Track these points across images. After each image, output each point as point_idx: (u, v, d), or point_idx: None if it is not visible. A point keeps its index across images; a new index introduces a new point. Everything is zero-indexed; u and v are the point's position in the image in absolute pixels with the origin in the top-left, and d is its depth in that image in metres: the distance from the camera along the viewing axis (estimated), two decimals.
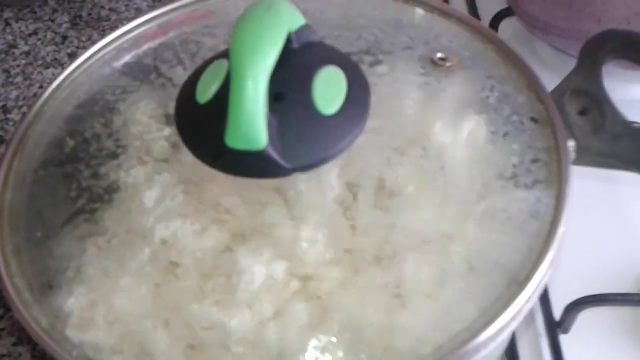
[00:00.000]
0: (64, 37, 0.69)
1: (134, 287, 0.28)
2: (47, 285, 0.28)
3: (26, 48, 0.68)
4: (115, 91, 0.34)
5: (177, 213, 0.29)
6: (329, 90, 0.29)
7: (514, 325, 0.26)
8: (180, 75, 0.33)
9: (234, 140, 0.26)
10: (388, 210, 0.29)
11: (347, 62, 0.31)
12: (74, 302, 0.28)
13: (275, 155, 0.27)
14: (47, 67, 0.66)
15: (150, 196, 0.29)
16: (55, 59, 0.67)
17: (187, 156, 0.29)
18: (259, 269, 0.27)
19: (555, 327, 0.42)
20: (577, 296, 0.42)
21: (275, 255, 0.28)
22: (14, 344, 0.47)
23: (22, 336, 0.47)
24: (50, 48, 0.68)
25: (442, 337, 0.26)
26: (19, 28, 0.70)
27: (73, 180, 0.31)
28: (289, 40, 0.29)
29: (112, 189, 0.30)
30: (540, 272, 0.27)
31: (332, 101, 0.28)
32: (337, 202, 0.29)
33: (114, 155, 0.31)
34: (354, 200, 0.29)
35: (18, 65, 0.66)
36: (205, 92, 0.29)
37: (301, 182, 0.29)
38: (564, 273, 0.44)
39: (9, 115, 0.62)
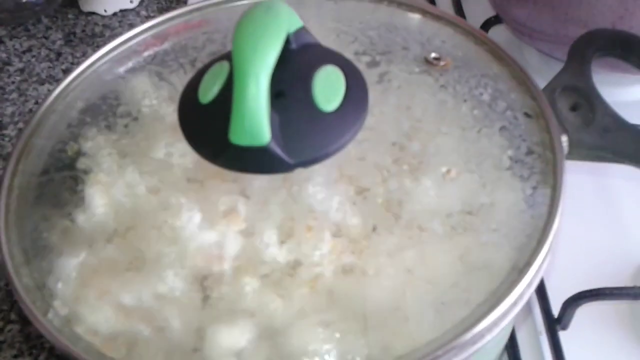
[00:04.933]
0: (59, 54, 0.70)
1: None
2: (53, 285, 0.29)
3: (21, 65, 0.69)
4: (116, 96, 0.35)
5: (181, 203, 0.29)
6: (328, 88, 0.29)
7: (516, 310, 0.27)
8: (181, 79, 0.34)
9: (238, 136, 0.27)
10: (388, 203, 0.29)
11: (345, 62, 0.31)
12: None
13: (278, 150, 0.27)
14: (42, 83, 0.67)
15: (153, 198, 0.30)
16: (51, 75, 0.68)
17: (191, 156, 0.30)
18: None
19: (554, 324, 0.43)
20: (575, 292, 0.42)
21: None
22: (15, 356, 0.47)
23: (23, 348, 0.47)
24: (44, 65, 0.69)
25: (446, 322, 0.26)
26: (13, 45, 0.71)
27: (78, 182, 0.31)
28: (287, 42, 0.30)
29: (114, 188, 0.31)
30: (539, 258, 0.28)
31: (332, 99, 0.29)
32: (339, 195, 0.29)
33: (121, 155, 0.32)
34: (356, 194, 0.30)
35: (13, 82, 0.67)
36: (208, 92, 0.29)
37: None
38: (560, 270, 0.45)
39: (4, 131, 0.63)
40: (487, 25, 0.59)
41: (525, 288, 0.27)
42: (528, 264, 0.27)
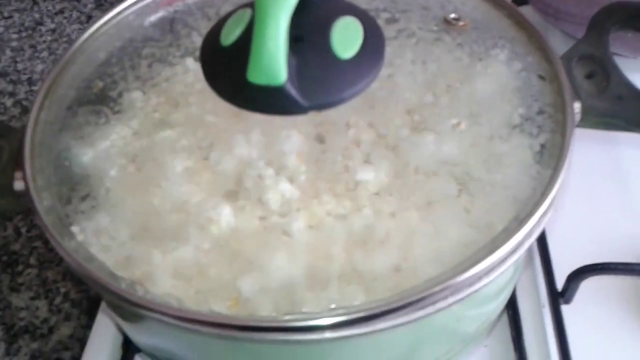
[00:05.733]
0: (89, 17, 0.71)
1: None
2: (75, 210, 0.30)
3: (52, 26, 0.70)
4: (143, 40, 0.36)
5: (196, 146, 0.30)
6: (346, 37, 0.30)
7: (514, 258, 0.28)
8: (205, 26, 0.35)
9: (256, 75, 0.28)
10: (398, 149, 0.30)
11: (364, 15, 0.32)
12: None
13: (293, 91, 0.28)
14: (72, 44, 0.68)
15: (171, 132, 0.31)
16: None
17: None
18: None
19: (557, 297, 0.43)
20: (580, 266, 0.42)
21: None
22: (32, 298, 0.48)
23: (40, 291, 0.49)
24: (75, 26, 0.70)
25: (447, 265, 0.27)
26: (46, 7, 0.73)
27: (101, 116, 0.33)
28: None
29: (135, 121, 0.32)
30: (541, 209, 0.28)
31: (349, 47, 0.30)
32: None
33: (142, 92, 0.33)
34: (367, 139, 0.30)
35: (44, 42, 0.69)
36: (229, 35, 0.30)
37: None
38: (566, 243, 0.45)
39: (34, 87, 0.64)
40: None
41: (524, 237, 0.27)
42: (529, 214, 0.28)
